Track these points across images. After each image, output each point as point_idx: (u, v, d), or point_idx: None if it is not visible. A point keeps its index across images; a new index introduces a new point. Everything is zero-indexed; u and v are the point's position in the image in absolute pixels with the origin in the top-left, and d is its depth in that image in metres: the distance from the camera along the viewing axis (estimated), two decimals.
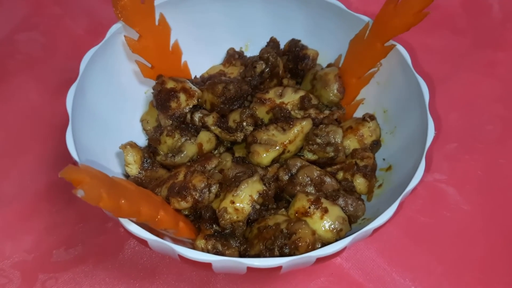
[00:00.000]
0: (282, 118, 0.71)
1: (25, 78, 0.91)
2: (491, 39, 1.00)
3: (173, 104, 0.72)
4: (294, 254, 0.58)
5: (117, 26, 0.71)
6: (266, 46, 0.82)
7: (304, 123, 0.69)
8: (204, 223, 0.64)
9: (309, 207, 0.62)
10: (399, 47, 0.70)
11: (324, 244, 0.61)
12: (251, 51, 0.84)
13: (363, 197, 0.69)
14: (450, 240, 0.75)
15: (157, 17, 0.74)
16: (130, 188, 0.56)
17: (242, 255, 0.62)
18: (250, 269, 0.53)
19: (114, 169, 0.69)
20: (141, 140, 0.76)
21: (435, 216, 0.77)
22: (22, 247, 0.73)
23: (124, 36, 0.71)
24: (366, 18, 0.73)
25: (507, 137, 0.87)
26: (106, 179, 0.52)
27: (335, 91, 0.74)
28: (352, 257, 0.73)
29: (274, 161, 0.69)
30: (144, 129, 0.77)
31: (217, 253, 0.61)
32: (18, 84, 0.90)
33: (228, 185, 0.65)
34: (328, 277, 0.71)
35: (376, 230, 0.56)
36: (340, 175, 0.70)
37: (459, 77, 0.95)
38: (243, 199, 0.63)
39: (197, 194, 0.63)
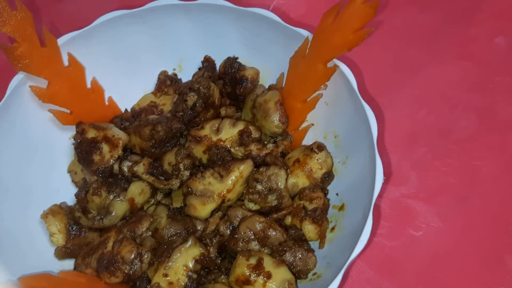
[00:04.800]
0: (219, 161, 0.63)
1: None
2: (462, 13, 0.89)
3: (96, 157, 0.64)
4: None
5: (18, 78, 0.62)
6: (199, 68, 0.73)
7: (242, 166, 0.61)
8: None
9: (250, 274, 0.56)
10: (344, 68, 0.60)
11: None
12: (186, 72, 0.75)
13: (315, 243, 0.62)
14: (420, 265, 0.69)
15: (65, 57, 0.64)
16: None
17: None
18: None
19: (39, 241, 0.63)
20: (72, 193, 0.69)
21: (402, 238, 0.71)
22: None
23: (30, 86, 0.62)
24: (305, 33, 0.63)
25: (482, 133, 0.78)
26: None
27: (277, 122, 0.65)
28: None
29: (215, 210, 0.62)
30: (72, 181, 0.70)
31: None
32: None
33: (161, 252, 0.58)
34: None
35: None
36: (288, 220, 0.63)
37: (428, 64, 0.84)
38: (177, 270, 0.57)
39: (127, 268, 0.57)
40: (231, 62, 0.70)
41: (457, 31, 0.88)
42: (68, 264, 0.63)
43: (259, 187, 0.61)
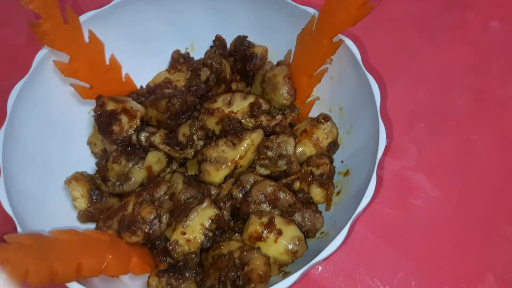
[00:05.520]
0: (232, 131, 0.67)
1: None
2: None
3: (116, 128, 0.68)
4: (247, 285, 0.56)
5: (43, 52, 0.66)
6: (211, 46, 0.77)
7: (254, 135, 0.66)
8: (158, 255, 0.62)
9: (262, 231, 0.60)
10: (348, 43, 0.65)
11: (281, 265, 0.60)
12: (198, 51, 0.79)
13: (323, 206, 0.66)
14: (419, 231, 0.73)
15: (86, 34, 0.68)
16: (70, 241, 0.54)
17: (199, 285, 0.61)
18: None
19: (63, 204, 0.67)
20: (91, 164, 0.73)
21: (403, 207, 0.75)
22: None
23: (53, 61, 0.66)
24: (312, 10, 0.67)
25: (479, 110, 0.83)
26: (38, 245, 0.50)
27: (285, 94, 0.69)
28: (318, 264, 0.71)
29: (228, 177, 0.66)
30: (92, 152, 0.74)
31: None
32: None
33: (179, 213, 0.62)
34: (295, 284, 0.70)
35: (328, 256, 0.53)
36: (297, 185, 0.67)
37: (427, 48, 0.89)
38: (194, 229, 0.61)
39: (147, 227, 0.61)
40: (241, 40, 0.74)
41: (454, 16, 0.92)
42: (90, 227, 0.67)
43: (269, 153, 0.65)
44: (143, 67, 0.77)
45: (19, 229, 0.55)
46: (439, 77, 0.86)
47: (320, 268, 0.70)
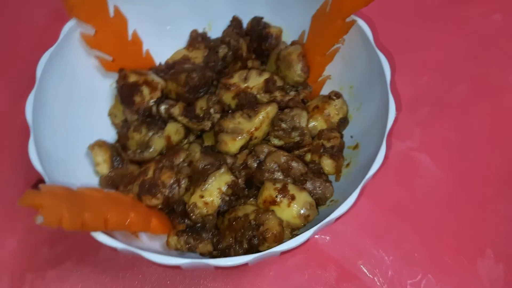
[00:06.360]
0: (247, 104, 0.71)
1: None
2: None
3: (137, 99, 0.71)
4: (262, 245, 0.60)
5: (70, 24, 0.69)
6: (228, 26, 0.80)
7: (269, 108, 0.69)
8: (176, 218, 0.66)
9: (276, 196, 0.63)
10: (360, 23, 0.68)
11: (293, 229, 0.63)
12: (215, 31, 0.83)
13: (332, 177, 0.70)
14: (422, 207, 0.77)
15: (111, 10, 0.72)
16: (96, 197, 0.57)
17: (215, 246, 0.64)
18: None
19: (85, 170, 0.70)
20: (111, 135, 0.76)
21: (408, 184, 0.79)
22: (7, 248, 0.75)
23: (80, 33, 0.70)
24: None
25: (478, 96, 0.87)
26: (69, 195, 0.53)
27: (299, 71, 0.73)
28: (327, 232, 0.75)
29: (243, 148, 0.70)
30: (112, 123, 0.77)
31: (190, 248, 0.63)
32: None
33: (197, 179, 0.66)
34: (304, 254, 0.73)
35: (338, 218, 0.57)
36: (308, 157, 0.70)
37: (430, 37, 0.93)
38: (212, 192, 0.64)
39: (167, 191, 0.65)
40: (258, 20, 0.78)
41: (459, 8, 0.96)
42: None
43: (283, 125, 0.69)
44: (162, 45, 0.81)
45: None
46: (440, 65, 0.90)
47: (328, 238, 0.74)
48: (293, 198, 0.63)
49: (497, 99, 0.87)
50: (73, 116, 0.72)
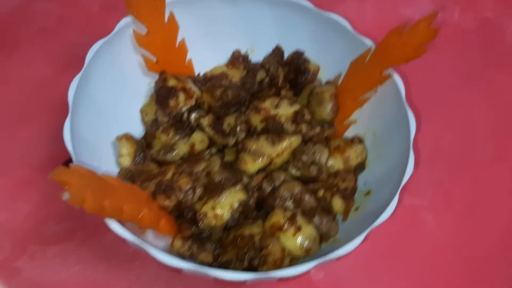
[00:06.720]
0: (273, 130, 0.74)
1: (37, 50, 0.94)
2: (500, 63, 1.01)
3: (172, 103, 0.75)
4: (261, 267, 0.62)
5: (126, 20, 0.73)
6: (270, 54, 0.84)
7: (293, 138, 0.72)
8: (184, 223, 0.68)
9: (285, 223, 0.65)
10: (396, 78, 0.71)
11: (293, 259, 0.65)
12: (256, 55, 0.86)
13: (339, 216, 0.72)
14: (419, 263, 0.78)
15: (166, 14, 0.76)
16: (116, 186, 0.60)
17: (215, 258, 0.66)
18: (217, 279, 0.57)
19: (108, 158, 0.73)
20: (138, 130, 0.79)
21: (407, 238, 0.80)
22: (17, 217, 0.77)
23: (133, 30, 0.74)
24: (369, 43, 0.74)
25: (497, 162, 0.88)
26: (94, 179, 0.56)
27: (329, 110, 0.76)
28: (322, 269, 0.76)
29: (261, 170, 0.73)
30: (142, 119, 0.80)
31: (191, 254, 0.65)
32: (29, 55, 0.93)
33: (211, 190, 0.68)
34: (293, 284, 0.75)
35: (339, 258, 0.59)
36: (321, 193, 0.73)
37: (460, 98, 0.95)
38: (224, 206, 0.66)
39: (181, 195, 0.67)
40: (299, 54, 0.82)
41: (490, 75, 0.99)
42: None
43: (304, 157, 0.71)
44: (204, 58, 0.84)
45: None
46: (465, 122, 0.92)
47: (322, 274, 0.76)
48: (299, 229, 0.65)
49: None
50: (109, 105, 0.75)
